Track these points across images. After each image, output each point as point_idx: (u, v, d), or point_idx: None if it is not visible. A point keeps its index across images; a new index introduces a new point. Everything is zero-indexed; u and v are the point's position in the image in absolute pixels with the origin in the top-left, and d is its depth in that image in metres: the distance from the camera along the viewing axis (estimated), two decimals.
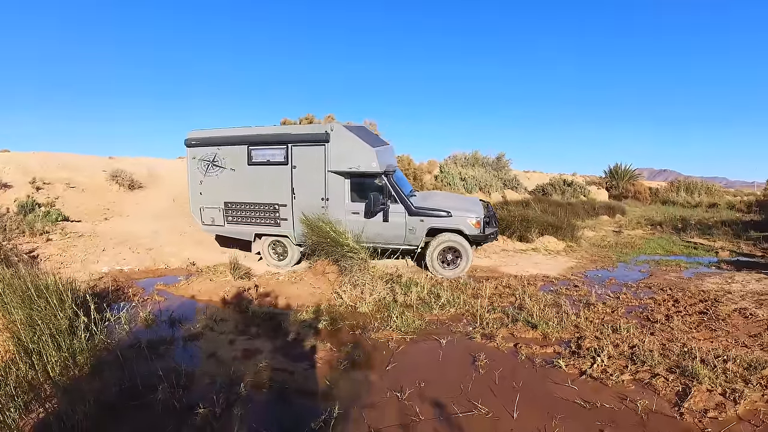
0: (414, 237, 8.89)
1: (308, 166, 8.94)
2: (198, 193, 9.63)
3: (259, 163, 9.20)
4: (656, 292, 7.75)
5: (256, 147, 9.18)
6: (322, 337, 5.59)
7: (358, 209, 8.92)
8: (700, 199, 25.09)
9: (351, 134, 8.74)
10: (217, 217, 9.58)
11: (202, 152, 9.49)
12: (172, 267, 8.83)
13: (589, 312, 6.58)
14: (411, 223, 8.82)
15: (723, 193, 29.36)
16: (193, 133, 9.60)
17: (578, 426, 3.78)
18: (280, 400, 4.12)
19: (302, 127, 9.18)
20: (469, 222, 8.77)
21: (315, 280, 7.49)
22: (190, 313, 6.27)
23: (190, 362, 4.79)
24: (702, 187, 27.71)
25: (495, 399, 4.18)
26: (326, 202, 8.93)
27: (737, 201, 25.34)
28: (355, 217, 8.92)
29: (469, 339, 5.67)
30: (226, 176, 9.39)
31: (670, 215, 19.19)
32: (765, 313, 6.46)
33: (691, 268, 10.38)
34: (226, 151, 9.34)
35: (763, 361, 4.85)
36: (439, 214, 8.81)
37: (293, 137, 8.96)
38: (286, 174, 9.06)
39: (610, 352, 5.10)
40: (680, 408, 4.05)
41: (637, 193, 26.49)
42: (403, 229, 8.87)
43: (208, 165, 9.47)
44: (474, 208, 9.28)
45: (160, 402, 3.90)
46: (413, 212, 8.82)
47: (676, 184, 28.47)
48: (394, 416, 3.87)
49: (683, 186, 27.52)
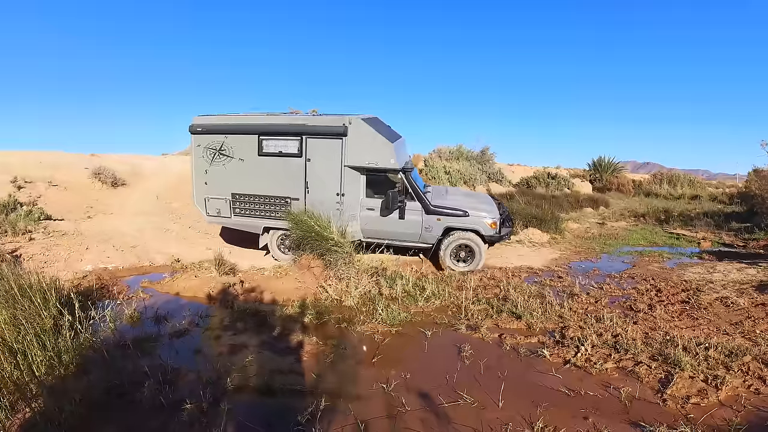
0: (430, 236, 8.81)
1: (323, 160, 8.71)
2: (203, 183, 9.33)
3: (270, 154, 8.91)
4: (639, 282, 7.84)
5: (267, 137, 8.89)
6: (308, 331, 5.58)
7: (373, 205, 8.80)
8: (682, 191, 25.31)
9: (370, 128, 8.56)
10: (224, 209, 9.32)
11: (208, 140, 9.16)
12: (156, 264, 8.74)
13: (573, 302, 6.64)
14: (428, 221, 8.73)
15: (705, 185, 29.62)
16: (198, 119, 9.27)
17: (563, 414, 3.83)
18: (267, 394, 4.12)
19: (319, 118, 8.84)
20: (486, 223, 8.74)
21: (300, 275, 7.48)
22: (175, 310, 6.21)
23: (176, 359, 4.75)
24: (685, 179, 27.94)
25: (480, 389, 4.22)
26: (341, 197, 8.77)
27: (719, 193, 25.63)
28: (370, 213, 8.81)
29: (454, 330, 5.71)
30: (234, 166, 9.10)
31: (653, 207, 19.34)
32: (746, 302, 6.56)
33: (673, 258, 10.50)
34: (235, 139, 9.04)
35: (744, 348, 4.94)
36: (456, 214, 8.74)
37: (309, 129, 8.67)
38: (300, 167, 8.82)
39: (593, 341, 5.16)
40: (663, 395, 4.13)
41: (621, 185, 26.61)
42: (419, 227, 8.77)
43: (214, 153, 9.16)
44: (489, 207, 9.23)
45: (146, 399, 3.89)
46: (430, 211, 8.73)
47: (659, 177, 28.68)
48: (380, 408, 3.89)
49: (666, 178, 27.73)
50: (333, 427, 3.59)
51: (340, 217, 8.68)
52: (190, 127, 9.21)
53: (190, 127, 9.23)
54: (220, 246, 9.11)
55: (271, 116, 9.03)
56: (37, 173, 13.22)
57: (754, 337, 5.38)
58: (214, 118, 9.19)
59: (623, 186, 26.49)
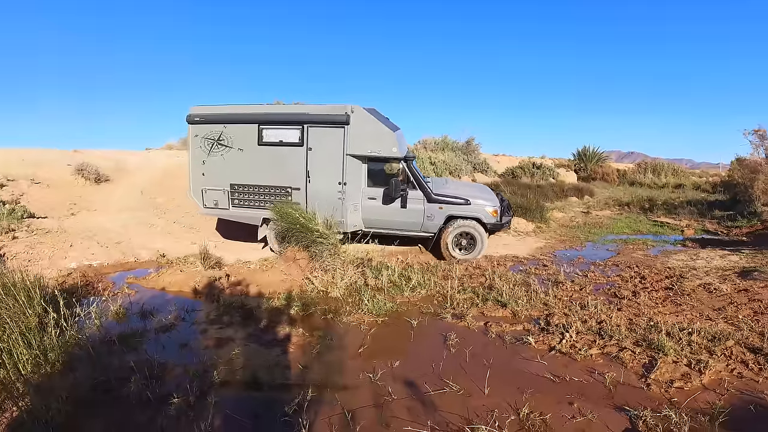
0: (432, 224, 8.84)
1: (325, 149, 8.67)
2: (200, 174, 9.22)
3: (270, 144, 8.84)
4: (623, 270, 7.92)
5: (267, 126, 8.80)
6: (294, 323, 5.58)
7: (375, 195, 8.82)
8: (666, 180, 25.60)
9: (372, 117, 8.57)
10: (221, 200, 9.21)
11: (206, 130, 9.04)
12: (141, 260, 8.66)
13: (557, 290, 6.72)
14: (430, 210, 8.77)
15: (689, 174, 29.98)
16: (196, 108, 9.14)
17: (548, 399, 3.86)
18: (254, 387, 4.12)
19: (320, 107, 8.76)
20: (488, 210, 8.80)
21: (286, 267, 7.46)
22: (161, 305, 6.18)
23: (162, 353, 4.73)
24: (668, 168, 28.26)
25: (466, 376, 4.24)
26: (344, 186, 8.74)
27: (702, 182, 25.95)
28: (372, 203, 8.82)
29: (440, 319, 5.74)
30: (233, 156, 9.01)
31: (638, 196, 19.55)
32: (728, 288, 6.64)
33: (657, 246, 10.63)
34: (234, 129, 8.94)
35: (727, 333, 5.02)
36: (458, 202, 8.79)
37: (311, 118, 8.63)
38: (301, 156, 8.76)
39: (578, 328, 5.22)
40: (647, 379, 4.18)
41: (605, 174, 26.85)
42: (422, 216, 8.80)
43: (212, 144, 9.05)
44: (489, 196, 9.29)
45: (133, 394, 3.86)
46: (432, 199, 8.76)
47: (643, 166, 28.96)
48: (367, 397, 3.90)
49: (650, 167, 28.01)
50: (320, 417, 3.60)
51: (342, 206, 8.70)
52: (188, 117, 9.09)
53: (187, 117, 9.10)
54: (206, 240, 9.04)
55: (271, 106, 9.02)
56: (19, 171, 13.05)
57: (736, 322, 5.45)
58: (213, 108, 9.07)
59: (608, 175, 26.72)
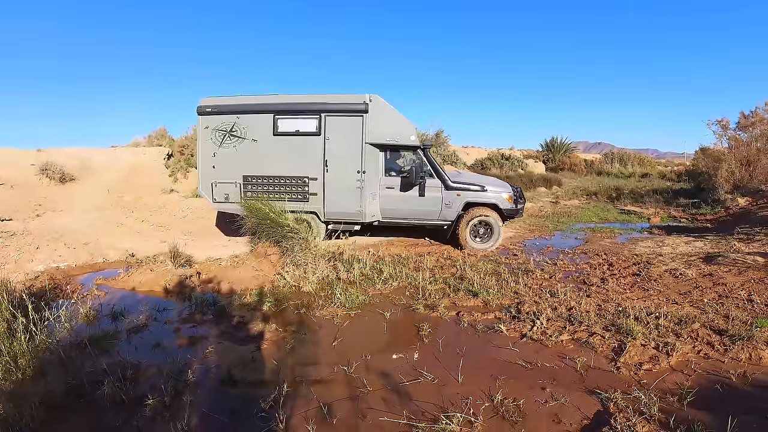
0: (450, 212, 8.87)
1: (344, 138, 8.64)
2: (210, 166, 9.06)
3: (286, 134, 8.77)
4: (592, 258, 8.09)
5: (283, 116, 8.73)
6: (267, 319, 5.55)
7: (393, 183, 8.85)
8: (633, 170, 26.17)
9: (389, 106, 8.62)
10: (233, 193, 9.04)
11: (218, 121, 8.90)
12: (110, 260, 8.50)
13: (528, 278, 6.83)
14: (448, 197, 8.80)
15: (655, 164, 30.71)
16: (207, 100, 9.01)
17: (521, 385, 3.92)
18: (229, 384, 4.09)
19: (338, 96, 8.69)
20: (504, 197, 8.90)
21: (257, 263, 7.42)
22: (132, 306, 6.09)
23: (135, 354, 4.66)
24: (635, 158, 28.93)
25: (440, 366, 4.28)
26: (363, 175, 8.70)
27: (668, 171, 26.61)
28: (390, 192, 8.84)
29: (412, 310, 5.78)
30: (246, 147, 8.89)
31: (605, 185, 19.97)
32: (694, 273, 6.80)
33: (624, 234, 10.87)
34: (248, 119, 8.83)
35: (693, 316, 5.15)
36: (475, 189, 8.85)
37: (329, 107, 8.59)
38: (318, 145, 8.70)
39: (548, 315, 5.31)
40: (617, 363, 4.27)
41: (573, 165, 27.31)
42: (440, 203, 8.83)
43: (224, 135, 8.90)
44: (503, 184, 9.44)
45: (107, 397, 3.78)
46: (450, 187, 8.80)
47: (610, 156, 29.60)
48: (342, 390, 3.91)
49: (617, 158, 28.63)
50: (296, 411, 3.59)
51: (360, 195, 8.71)
52: (198, 108, 8.95)
53: (198, 108, 8.96)
54: (175, 238, 8.92)
55: (287, 95, 8.87)
56: None
57: (702, 305, 5.59)
58: (225, 99, 8.96)
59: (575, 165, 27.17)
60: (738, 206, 13.47)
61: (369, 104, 8.48)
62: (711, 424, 3.26)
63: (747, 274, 6.56)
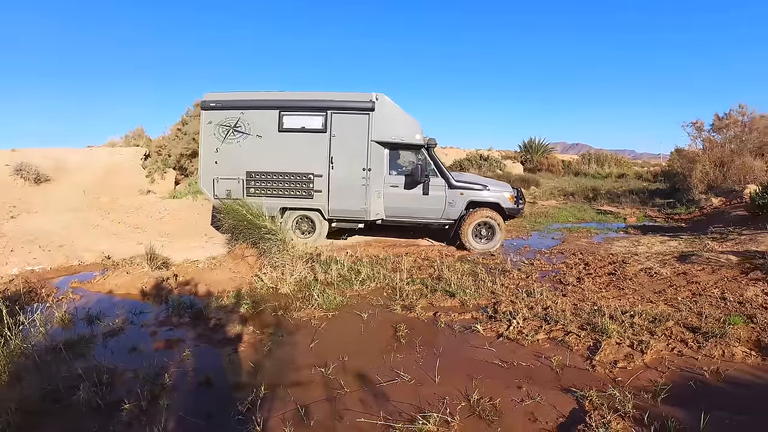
0: (453, 210, 8.91)
1: (349, 135, 8.65)
2: (212, 162, 8.99)
3: (291, 130, 8.75)
4: (568, 257, 8.17)
5: (289, 112, 8.70)
6: (244, 321, 5.53)
7: (397, 182, 8.87)
8: (610, 171, 26.46)
9: (395, 104, 8.65)
10: (235, 190, 8.95)
11: (222, 116, 8.84)
12: (86, 263, 8.37)
13: (504, 278, 6.90)
14: (451, 196, 8.86)
15: (631, 165, 31.11)
16: (211, 95, 8.96)
17: (497, 384, 3.96)
18: (206, 387, 4.06)
19: (344, 94, 8.73)
20: (506, 196, 8.99)
21: (234, 265, 7.38)
22: (108, 309, 5.99)
23: (111, 359, 4.59)
24: (612, 159, 29.29)
25: (417, 366, 4.31)
26: (368, 172, 8.70)
27: (644, 171, 26.99)
28: (395, 190, 8.86)
29: (389, 311, 5.80)
30: (251, 143, 8.84)
31: (582, 186, 20.18)
32: (668, 272, 6.90)
33: (601, 233, 11.01)
34: (252, 115, 8.78)
35: (667, 314, 5.23)
36: (477, 188, 8.93)
37: (335, 104, 8.61)
38: (324, 143, 8.70)
39: (525, 315, 5.37)
40: (592, 361, 4.32)
41: (551, 165, 27.55)
42: (443, 202, 8.87)
43: (228, 131, 8.84)
44: (503, 184, 9.69)
45: (83, 402, 3.73)
46: (453, 186, 8.87)
47: (587, 157, 29.93)
48: (320, 391, 3.91)
49: (594, 158, 28.96)
50: (273, 414, 3.59)
51: (365, 193, 8.71)
52: (202, 102, 8.93)
53: (201, 103, 8.96)
54: (152, 240, 8.81)
55: (293, 92, 8.89)
56: None
57: (676, 303, 5.69)
58: (230, 94, 8.93)
59: (553, 166, 27.41)
60: (712, 206, 13.72)
61: (376, 102, 8.53)
62: (684, 420, 3.32)
63: (720, 273, 6.67)
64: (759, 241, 8.26)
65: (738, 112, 17.21)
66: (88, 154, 16.85)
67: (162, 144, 17.10)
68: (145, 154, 16.81)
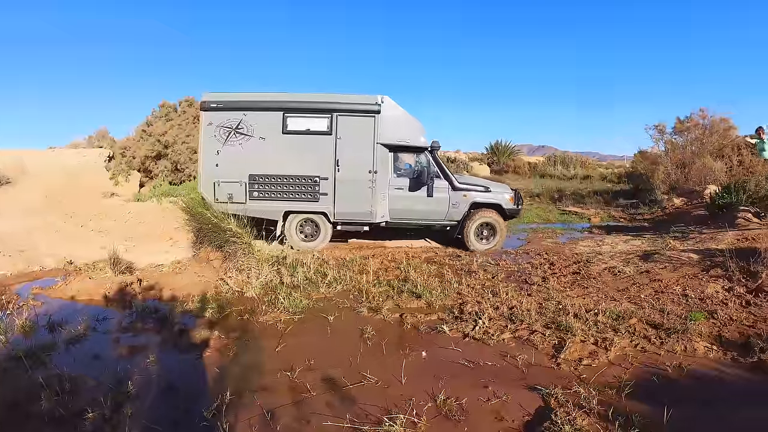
0: (456, 212, 8.99)
1: (355, 138, 8.59)
2: (213, 165, 8.74)
3: (296, 132, 8.63)
4: (533, 257, 8.25)
5: (293, 114, 8.58)
6: (209, 326, 5.47)
7: (401, 185, 8.91)
8: (575, 172, 26.86)
9: (400, 107, 8.66)
10: (237, 193, 8.73)
11: (223, 117, 8.62)
12: (48, 268, 8.15)
13: (470, 279, 6.96)
14: (454, 198, 8.93)
15: (596, 166, 31.73)
16: (210, 95, 8.72)
17: (463, 384, 3.99)
18: (171, 394, 4.01)
19: (350, 96, 8.65)
20: (507, 197, 9.15)
21: (200, 269, 7.30)
22: (70, 316, 5.85)
23: (74, 367, 4.48)
24: (577, 161, 29.79)
25: (383, 368, 4.31)
26: (374, 175, 8.66)
27: (609, 173, 27.46)
28: (399, 193, 8.90)
29: (356, 313, 5.81)
30: (254, 146, 8.66)
31: (548, 187, 20.45)
32: (631, 270, 7.03)
33: (566, 234, 11.21)
34: (255, 117, 8.61)
35: (630, 312, 5.35)
36: (480, 190, 9.06)
37: (341, 107, 8.55)
38: (329, 145, 8.62)
39: (490, 315, 5.43)
40: (557, 359, 4.39)
41: (517, 167, 27.95)
42: (447, 204, 8.94)
43: (229, 132, 8.62)
44: (503, 185, 9.95)
45: (45, 411, 3.65)
46: (456, 188, 8.96)
47: (553, 159, 30.39)
48: (286, 395, 3.90)
49: (560, 160, 29.40)
50: (240, 419, 3.56)
51: (371, 195, 8.69)
52: (202, 103, 8.73)
53: (201, 104, 8.76)
54: (116, 244, 8.63)
55: (298, 94, 8.78)
56: None
57: (639, 301, 5.81)
58: (232, 95, 8.74)
59: (519, 168, 27.79)
60: (674, 206, 14.09)
61: (381, 105, 8.54)
62: (649, 414, 3.40)
63: (682, 271, 6.83)
64: (719, 240, 8.48)
65: (698, 115, 17.70)
66: (51, 155, 16.45)
67: (126, 145, 16.77)
68: (108, 156, 16.46)
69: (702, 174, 15.74)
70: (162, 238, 9.95)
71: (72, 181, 13.60)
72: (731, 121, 17.61)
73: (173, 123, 16.68)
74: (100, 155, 16.34)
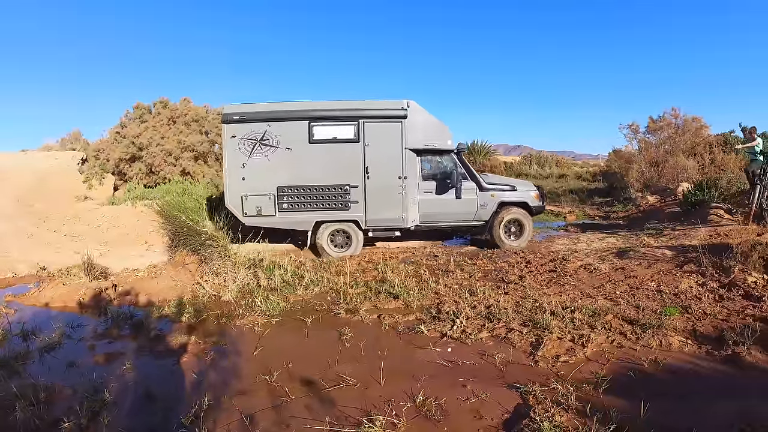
0: (485, 212, 9.08)
1: (383, 144, 8.55)
2: (239, 178, 8.54)
3: (323, 141, 8.53)
4: (510, 256, 8.27)
5: (319, 123, 8.46)
6: (186, 331, 5.44)
7: (430, 188, 8.95)
8: (551, 171, 27.10)
9: (425, 111, 8.68)
10: (266, 206, 8.55)
11: (246, 129, 8.44)
12: (21, 274, 8.04)
13: (448, 279, 6.98)
14: (483, 198, 9.02)
15: (571, 165, 32.05)
16: (232, 107, 8.59)
17: (442, 384, 4.01)
18: (148, 401, 3.98)
19: (375, 102, 8.64)
20: (532, 195, 9.29)
21: (175, 273, 7.21)
22: (44, 323, 5.76)
23: (48, 375, 4.40)
24: (552, 160, 30.05)
25: (362, 369, 4.32)
26: (404, 180, 8.62)
27: (584, 172, 27.77)
28: (429, 197, 8.93)
29: (333, 315, 5.82)
30: (280, 157, 8.51)
31: None
32: (607, 267, 7.07)
33: (542, 232, 11.29)
34: (280, 127, 8.46)
35: (606, 308, 5.39)
36: (506, 189, 9.17)
37: (367, 113, 8.50)
38: (358, 152, 8.56)
39: (468, 314, 5.45)
40: (535, 357, 4.43)
41: (494, 167, 27.98)
42: (476, 205, 9.02)
43: (254, 144, 8.46)
44: (528, 183, 10.03)
45: (20, 422, 3.57)
46: (484, 188, 9.04)
47: (529, 158, 30.62)
48: (265, 399, 3.89)
49: (536, 160, 29.62)
50: (218, 424, 3.54)
51: (402, 201, 8.68)
52: (224, 116, 8.60)
53: (223, 117, 8.64)
54: (89, 249, 8.49)
55: (322, 102, 8.70)
56: None
57: (614, 297, 5.85)
58: (254, 106, 8.60)
59: (496, 168, 27.85)
60: (648, 204, 14.35)
61: (407, 110, 8.53)
62: (626, 409, 3.44)
63: (656, 267, 6.91)
64: (692, 236, 8.65)
65: (671, 114, 18.10)
66: (22, 158, 16.17)
67: (100, 147, 16.56)
68: (82, 159, 16.22)
69: (675, 172, 16.06)
70: (137, 242, 9.86)
71: (45, 185, 13.38)
72: (703, 120, 18.08)
73: (148, 125, 16.49)
74: (73, 158, 16.10)
